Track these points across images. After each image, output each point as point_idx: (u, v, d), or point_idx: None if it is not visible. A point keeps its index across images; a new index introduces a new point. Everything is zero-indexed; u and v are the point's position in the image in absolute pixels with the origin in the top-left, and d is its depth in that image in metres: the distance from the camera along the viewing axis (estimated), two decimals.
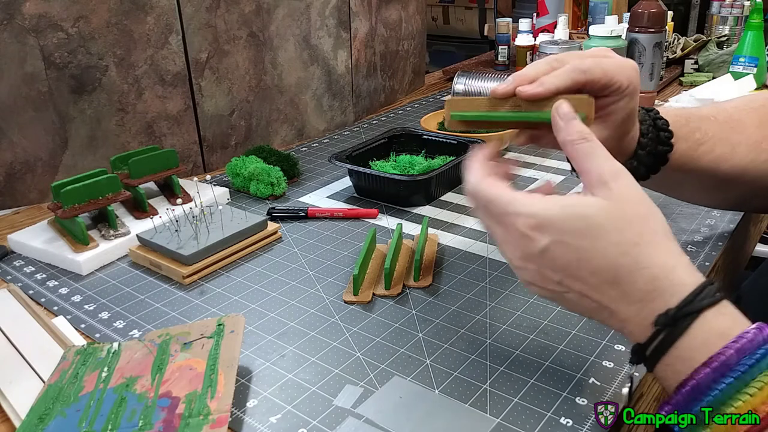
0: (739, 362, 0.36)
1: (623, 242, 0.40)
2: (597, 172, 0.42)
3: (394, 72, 1.39)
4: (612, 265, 0.40)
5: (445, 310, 0.60)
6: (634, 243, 0.40)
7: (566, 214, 0.41)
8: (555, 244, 0.41)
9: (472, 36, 3.50)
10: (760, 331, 0.37)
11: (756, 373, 0.36)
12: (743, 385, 0.36)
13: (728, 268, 0.76)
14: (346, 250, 0.73)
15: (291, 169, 0.92)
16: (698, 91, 1.21)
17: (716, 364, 0.36)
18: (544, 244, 0.41)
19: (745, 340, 0.36)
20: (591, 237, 0.40)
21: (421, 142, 0.97)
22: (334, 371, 0.52)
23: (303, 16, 1.09)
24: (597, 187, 0.41)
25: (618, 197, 0.41)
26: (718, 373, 0.36)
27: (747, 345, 0.36)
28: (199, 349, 0.51)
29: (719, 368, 0.36)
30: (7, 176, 0.86)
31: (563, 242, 0.41)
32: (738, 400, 0.36)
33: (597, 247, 0.40)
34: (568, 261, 0.41)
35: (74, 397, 0.48)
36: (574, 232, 0.40)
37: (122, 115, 0.90)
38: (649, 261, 0.40)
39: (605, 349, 0.53)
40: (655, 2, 1.19)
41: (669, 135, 0.57)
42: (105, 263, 0.72)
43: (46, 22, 0.81)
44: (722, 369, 0.36)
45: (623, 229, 0.40)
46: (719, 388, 0.36)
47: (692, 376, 0.37)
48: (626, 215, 0.40)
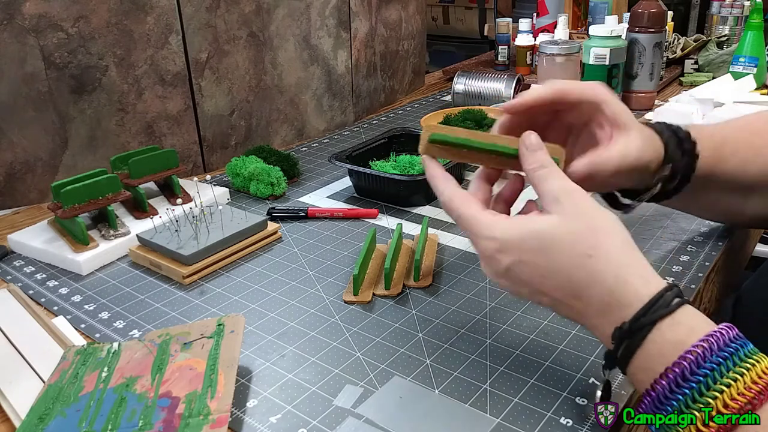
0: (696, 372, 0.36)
1: (576, 255, 0.41)
2: (550, 191, 0.44)
3: (394, 72, 1.39)
4: (569, 278, 0.41)
5: (445, 310, 0.60)
6: (587, 255, 0.41)
7: (522, 234, 0.43)
8: (516, 264, 0.43)
9: (472, 36, 3.50)
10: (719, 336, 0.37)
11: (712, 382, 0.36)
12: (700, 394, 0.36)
13: (728, 268, 0.76)
14: (346, 250, 0.73)
15: (291, 169, 0.92)
16: (698, 91, 1.21)
17: (672, 376, 0.37)
18: (506, 264, 0.43)
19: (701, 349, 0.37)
20: (546, 253, 0.42)
21: None
22: (334, 371, 0.52)
23: (303, 16, 1.09)
24: (551, 204, 0.43)
25: (570, 212, 0.42)
26: (674, 384, 0.37)
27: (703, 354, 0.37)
28: (199, 349, 0.51)
29: (675, 380, 0.37)
30: (7, 176, 0.86)
31: (523, 261, 0.43)
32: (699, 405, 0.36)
33: (553, 262, 0.42)
34: (530, 277, 0.43)
35: (74, 397, 0.48)
36: (531, 251, 0.42)
37: (122, 115, 0.90)
38: (603, 274, 0.41)
39: (605, 349, 0.53)
40: (655, 2, 1.19)
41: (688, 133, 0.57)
42: (105, 263, 0.72)
43: (46, 22, 0.81)
44: (678, 380, 0.37)
45: (575, 242, 0.41)
46: (677, 398, 0.37)
47: (652, 387, 0.38)
48: (578, 228, 0.42)
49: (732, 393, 0.36)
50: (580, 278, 0.41)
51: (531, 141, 0.46)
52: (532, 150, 0.46)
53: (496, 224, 0.44)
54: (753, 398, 0.35)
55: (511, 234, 0.43)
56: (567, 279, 0.41)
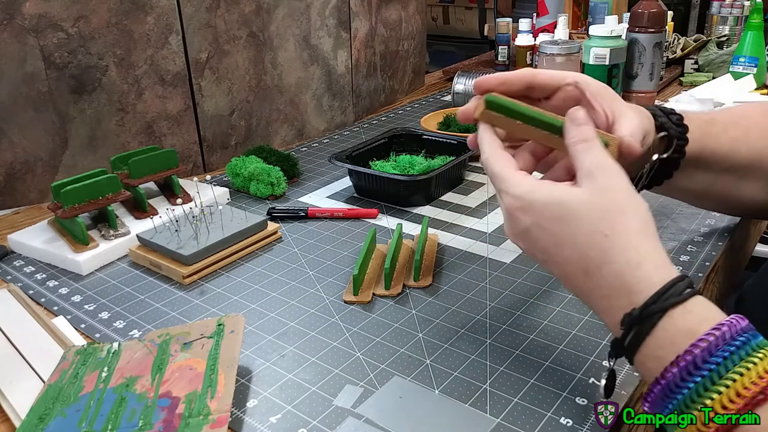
0: (708, 360, 0.36)
1: (594, 232, 0.41)
2: (586, 165, 0.43)
3: (394, 72, 1.39)
4: (582, 254, 0.41)
5: (445, 310, 0.60)
6: (604, 234, 0.40)
7: (546, 199, 0.42)
8: (535, 227, 0.43)
9: (472, 36, 3.50)
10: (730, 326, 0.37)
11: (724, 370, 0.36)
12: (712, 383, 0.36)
13: (728, 268, 0.76)
14: (346, 250, 0.73)
15: (291, 169, 0.92)
16: (698, 91, 1.21)
17: (683, 364, 0.37)
18: (525, 225, 0.43)
19: (713, 337, 0.36)
20: (565, 223, 0.41)
21: (421, 142, 0.97)
22: (334, 371, 0.52)
23: (303, 16, 1.09)
24: (583, 178, 0.42)
25: (600, 188, 0.42)
26: (686, 372, 0.36)
27: (715, 342, 0.36)
28: (199, 349, 0.51)
29: (686, 368, 0.36)
30: (7, 176, 0.86)
31: (541, 226, 0.42)
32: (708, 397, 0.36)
33: (570, 234, 0.41)
34: (546, 244, 0.43)
35: (74, 397, 0.48)
36: (552, 218, 0.42)
37: (122, 115, 0.90)
38: (617, 256, 0.40)
39: (605, 349, 0.53)
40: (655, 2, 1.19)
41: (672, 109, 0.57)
42: (105, 263, 0.72)
43: (46, 22, 0.81)
44: (689, 368, 0.36)
45: (596, 219, 0.41)
46: (689, 386, 0.36)
47: (663, 376, 0.38)
48: (602, 206, 0.41)
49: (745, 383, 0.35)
50: (592, 256, 0.41)
51: (578, 115, 0.45)
52: (578, 124, 0.45)
53: (523, 184, 0.44)
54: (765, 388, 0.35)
55: (535, 197, 0.43)
56: (580, 254, 0.41)
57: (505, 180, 0.45)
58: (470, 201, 0.85)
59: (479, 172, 0.95)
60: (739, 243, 0.81)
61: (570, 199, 0.42)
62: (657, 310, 0.38)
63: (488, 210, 0.82)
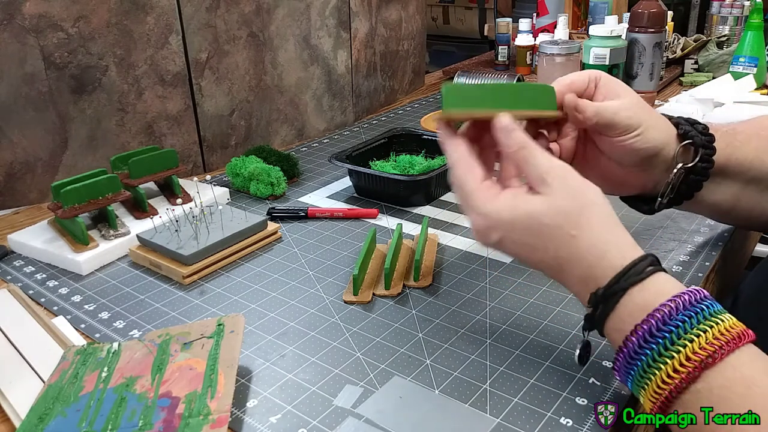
0: (661, 328, 0.40)
1: (561, 235, 0.44)
2: (535, 172, 0.45)
3: (394, 72, 1.39)
4: (553, 256, 0.45)
5: (445, 310, 0.60)
6: (571, 235, 0.44)
7: (513, 216, 0.45)
8: (506, 239, 0.46)
9: (472, 36, 3.50)
10: (688, 296, 0.41)
11: (676, 338, 0.39)
12: (665, 349, 0.39)
13: (728, 269, 0.76)
14: (346, 250, 0.73)
15: (291, 169, 0.92)
16: (698, 91, 1.21)
17: (640, 332, 0.40)
18: (495, 239, 0.47)
19: (668, 308, 0.40)
20: (534, 234, 0.45)
21: (421, 142, 0.97)
22: (334, 371, 0.52)
23: (303, 16, 1.09)
24: (539, 185, 0.45)
25: (557, 192, 0.45)
26: (642, 340, 0.40)
27: (668, 312, 0.40)
28: (199, 349, 0.51)
29: (642, 336, 0.40)
30: (7, 176, 0.86)
31: (511, 239, 0.46)
32: (662, 362, 0.39)
33: (540, 241, 0.45)
34: (518, 251, 0.47)
35: (74, 397, 0.48)
36: (520, 230, 0.45)
37: (122, 115, 0.90)
38: (585, 251, 0.44)
39: (605, 348, 0.53)
40: (655, 2, 1.19)
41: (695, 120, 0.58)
42: (105, 263, 0.72)
43: (46, 22, 0.81)
44: (645, 336, 0.40)
45: (561, 223, 0.44)
46: (646, 353, 0.40)
47: (624, 344, 0.41)
48: (564, 209, 0.44)
49: (694, 347, 0.38)
50: (563, 255, 0.45)
51: (504, 123, 0.47)
52: (507, 132, 0.47)
53: (488, 203, 0.46)
54: (714, 353, 0.38)
55: (502, 215, 0.46)
56: (551, 256, 0.45)
57: (471, 195, 0.47)
58: None
59: None
60: (739, 243, 0.81)
61: (533, 210, 0.45)
62: (617, 289, 0.42)
63: None
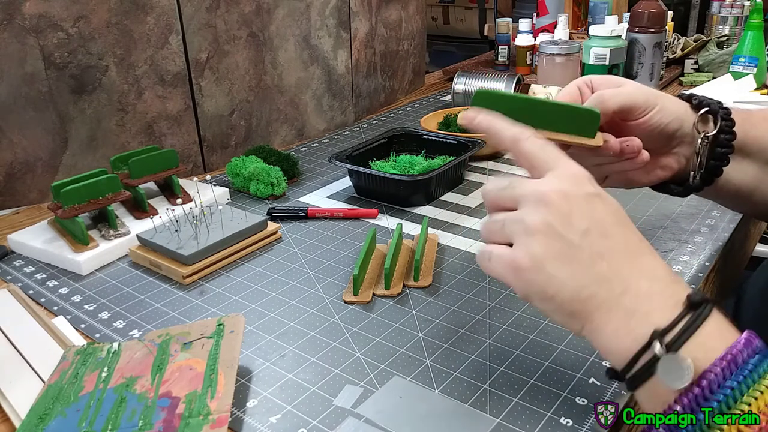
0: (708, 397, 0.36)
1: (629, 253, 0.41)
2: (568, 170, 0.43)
3: (394, 72, 1.39)
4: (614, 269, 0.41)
5: (445, 310, 0.60)
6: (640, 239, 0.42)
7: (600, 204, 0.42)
8: (603, 196, 0.42)
9: (472, 36, 3.50)
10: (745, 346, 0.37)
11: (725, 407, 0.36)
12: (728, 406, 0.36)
13: (728, 269, 0.76)
14: (346, 250, 0.73)
15: (291, 169, 0.92)
16: (698, 91, 1.21)
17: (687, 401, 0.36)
18: (593, 189, 0.42)
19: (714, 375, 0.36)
20: (621, 223, 0.42)
21: (421, 142, 0.97)
22: (334, 371, 0.52)
23: (303, 16, 1.09)
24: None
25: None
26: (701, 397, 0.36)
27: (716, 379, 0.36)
28: (199, 349, 0.51)
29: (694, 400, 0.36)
30: (7, 176, 0.86)
31: (605, 203, 0.42)
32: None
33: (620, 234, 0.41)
34: (603, 218, 0.41)
35: (74, 397, 0.48)
36: (616, 209, 0.42)
37: (122, 115, 0.90)
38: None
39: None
40: (655, 2, 1.19)
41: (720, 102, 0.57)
42: (105, 263, 0.72)
43: (46, 22, 0.81)
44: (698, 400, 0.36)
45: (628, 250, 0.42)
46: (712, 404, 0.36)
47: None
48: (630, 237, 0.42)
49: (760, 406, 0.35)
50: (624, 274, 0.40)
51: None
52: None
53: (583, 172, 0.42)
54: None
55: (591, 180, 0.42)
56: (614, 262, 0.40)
57: (562, 157, 0.42)
58: (470, 201, 0.85)
59: (479, 172, 0.95)
60: (739, 243, 0.81)
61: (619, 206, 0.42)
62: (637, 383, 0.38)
63: None
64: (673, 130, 0.55)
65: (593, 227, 0.40)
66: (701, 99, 0.56)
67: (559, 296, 0.40)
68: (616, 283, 0.40)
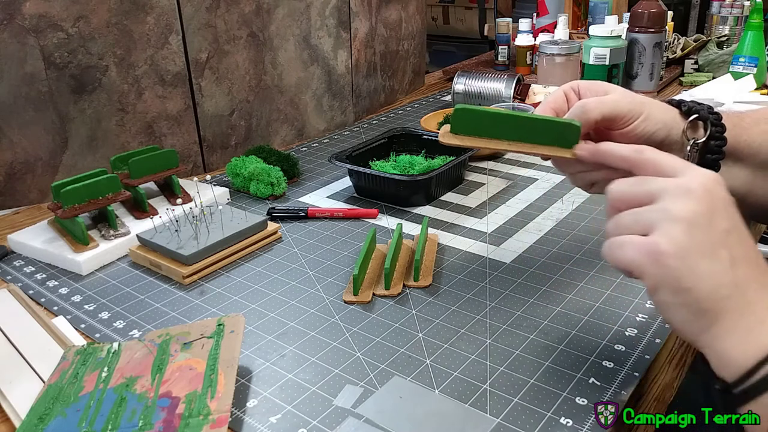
0: None
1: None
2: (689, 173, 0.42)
3: (394, 72, 1.39)
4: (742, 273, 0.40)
5: (445, 310, 0.60)
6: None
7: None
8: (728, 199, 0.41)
9: (472, 36, 3.50)
10: None
11: None
12: None
13: None
14: (346, 250, 0.73)
15: (291, 169, 0.92)
16: (698, 91, 1.21)
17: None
18: (725, 194, 0.41)
19: None
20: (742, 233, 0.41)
21: (421, 142, 0.97)
22: (334, 371, 0.52)
23: (303, 16, 1.09)
24: None
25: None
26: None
27: None
28: (199, 349, 0.51)
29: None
30: (7, 176, 0.86)
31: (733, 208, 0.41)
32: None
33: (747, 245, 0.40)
34: (729, 219, 0.40)
35: (74, 397, 0.48)
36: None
37: (122, 115, 0.90)
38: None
39: (605, 349, 0.53)
40: (655, 2, 1.19)
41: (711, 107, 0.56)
42: (105, 263, 0.72)
43: (46, 22, 0.81)
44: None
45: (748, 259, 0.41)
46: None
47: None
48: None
49: None
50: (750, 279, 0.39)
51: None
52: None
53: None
54: None
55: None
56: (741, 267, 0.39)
57: (689, 164, 0.41)
58: (470, 201, 0.85)
59: (479, 172, 0.95)
60: None
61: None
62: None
63: (488, 210, 0.82)
64: (661, 139, 0.54)
65: (733, 230, 0.40)
66: (690, 105, 0.55)
67: (695, 291, 0.38)
68: (751, 291, 0.39)
